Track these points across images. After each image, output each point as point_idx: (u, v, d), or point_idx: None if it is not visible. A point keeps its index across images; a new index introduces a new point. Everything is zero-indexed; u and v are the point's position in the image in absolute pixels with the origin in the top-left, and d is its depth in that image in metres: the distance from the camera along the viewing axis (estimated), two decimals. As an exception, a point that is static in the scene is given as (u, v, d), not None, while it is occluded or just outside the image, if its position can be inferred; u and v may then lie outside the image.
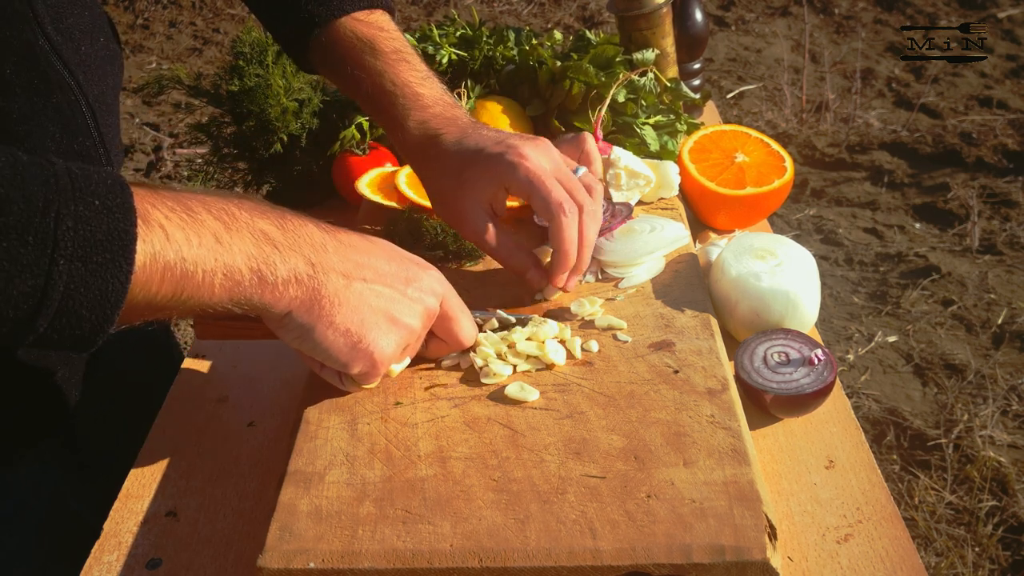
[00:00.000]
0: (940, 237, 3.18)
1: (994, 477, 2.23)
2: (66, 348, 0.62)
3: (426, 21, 4.27)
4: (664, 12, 1.29)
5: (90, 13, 0.87)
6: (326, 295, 0.71)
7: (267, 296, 0.69)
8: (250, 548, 0.76)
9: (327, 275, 0.72)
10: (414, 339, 0.78)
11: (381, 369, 0.76)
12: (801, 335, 0.87)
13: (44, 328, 0.59)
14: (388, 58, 0.97)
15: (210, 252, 0.65)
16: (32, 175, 0.58)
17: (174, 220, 0.64)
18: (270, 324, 0.73)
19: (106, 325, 0.61)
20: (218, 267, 0.65)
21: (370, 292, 0.74)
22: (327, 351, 0.73)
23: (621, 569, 0.64)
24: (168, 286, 0.63)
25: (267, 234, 0.69)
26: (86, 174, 0.60)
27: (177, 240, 0.63)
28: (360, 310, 0.73)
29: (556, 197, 0.84)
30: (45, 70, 0.79)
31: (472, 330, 0.83)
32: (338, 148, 1.22)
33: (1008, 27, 4.67)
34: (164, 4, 5.18)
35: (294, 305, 0.70)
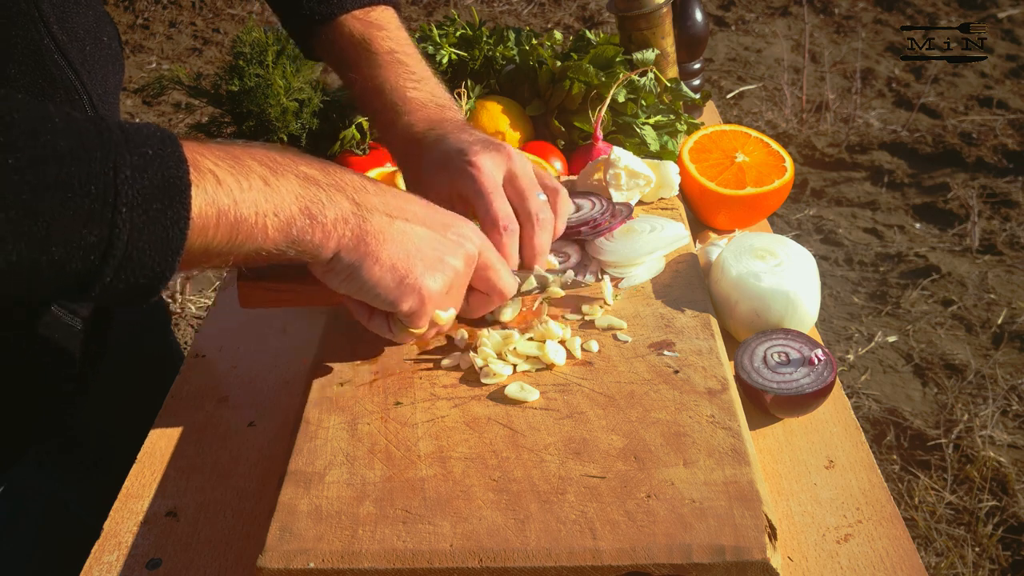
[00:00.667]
0: (940, 237, 3.18)
1: (994, 477, 2.23)
2: (128, 299, 0.62)
3: (426, 21, 4.27)
4: (664, 12, 1.29)
5: (93, 13, 0.87)
6: (371, 232, 0.73)
7: (318, 235, 0.70)
8: (250, 548, 0.76)
9: (371, 213, 0.73)
10: (459, 281, 0.79)
11: (429, 307, 0.77)
12: (801, 335, 0.87)
13: (110, 278, 0.59)
14: (382, 59, 0.98)
15: (260, 194, 0.66)
16: (87, 129, 0.59)
17: (223, 167, 0.65)
18: (317, 270, 0.74)
19: (168, 272, 0.62)
20: (269, 209, 0.67)
21: (412, 232, 0.76)
22: (375, 288, 0.74)
23: (621, 569, 0.64)
24: (223, 231, 0.64)
25: (311, 176, 0.71)
26: (134, 126, 0.62)
27: (228, 184, 0.64)
28: (405, 246, 0.75)
29: (495, 212, 0.85)
30: (50, 69, 0.80)
31: (512, 281, 0.84)
32: (338, 148, 1.22)
33: (1008, 27, 4.67)
34: (164, 4, 5.18)
35: (343, 243, 0.72)
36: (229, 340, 1.02)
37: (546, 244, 0.89)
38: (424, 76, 1.00)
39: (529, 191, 0.88)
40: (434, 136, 0.93)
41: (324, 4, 1.00)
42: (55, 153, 0.56)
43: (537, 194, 0.88)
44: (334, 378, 0.83)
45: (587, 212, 1.00)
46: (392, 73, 0.98)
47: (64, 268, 0.57)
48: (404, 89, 0.97)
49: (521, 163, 0.89)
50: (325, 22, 1.01)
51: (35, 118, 0.57)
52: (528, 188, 0.88)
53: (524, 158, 0.91)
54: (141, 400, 0.97)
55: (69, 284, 0.59)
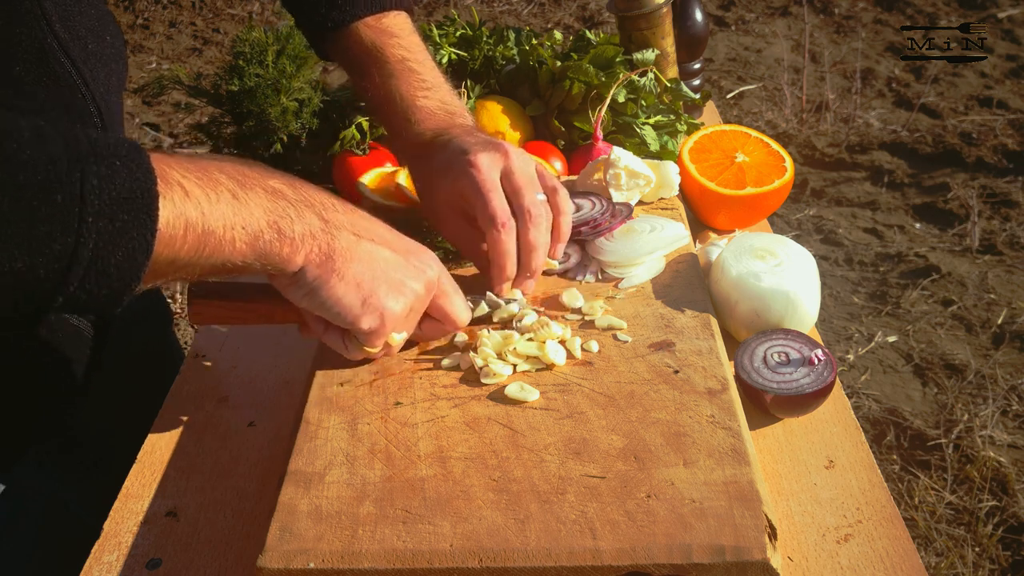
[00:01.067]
0: (940, 237, 3.18)
1: (994, 477, 2.23)
2: (93, 309, 0.62)
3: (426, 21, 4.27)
4: (664, 12, 1.29)
5: (96, 12, 0.87)
6: (339, 249, 0.73)
7: (286, 249, 0.70)
8: (250, 548, 0.76)
9: (339, 231, 0.74)
10: (417, 305, 0.80)
11: (388, 328, 0.78)
12: (801, 335, 0.87)
13: (74, 288, 0.59)
14: (393, 68, 0.99)
15: (229, 208, 0.66)
16: (54, 138, 0.59)
17: (191, 179, 0.65)
18: (280, 283, 0.75)
19: (133, 283, 0.62)
20: (237, 223, 0.67)
21: (378, 253, 0.76)
22: (337, 306, 0.75)
23: (621, 569, 0.64)
24: (191, 243, 0.64)
25: (279, 191, 0.71)
26: (103, 138, 0.62)
27: (197, 197, 0.64)
28: (371, 266, 0.75)
29: (492, 209, 0.86)
30: (54, 68, 0.80)
31: (465, 310, 0.84)
32: (338, 148, 1.22)
33: (1008, 27, 4.67)
34: (164, 4, 5.18)
35: (310, 258, 0.72)
36: (229, 340, 1.02)
37: (542, 240, 0.89)
38: (435, 83, 1.00)
39: (524, 188, 0.88)
40: (441, 141, 0.94)
41: (337, 11, 1.01)
42: (21, 161, 0.56)
43: (533, 191, 0.89)
44: (334, 378, 0.83)
45: (587, 212, 1.00)
46: (403, 82, 0.99)
47: (27, 277, 0.57)
48: (414, 98, 0.98)
49: (519, 160, 0.90)
50: (338, 29, 1.01)
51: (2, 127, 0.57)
52: (524, 185, 0.88)
53: (524, 156, 0.91)
54: (141, 400, 0.97)
55: (33, 293, 0.58)
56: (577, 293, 0.91)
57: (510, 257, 0.88)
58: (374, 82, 1.00)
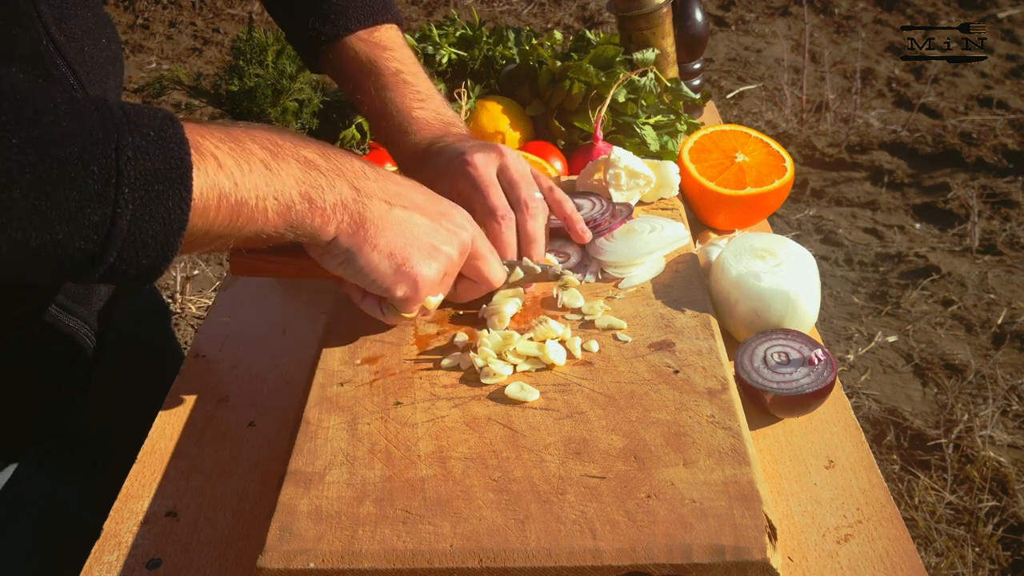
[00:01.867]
0: (940, 237, 3.18)
1: (994, 477, 2.23)
2: (131, 280, 0.63)
3: (426, 21, 4.27)
4: (664, 12, 1.29)
5: (92, 14, 0.87)
6: (370, 219, 0.74)
7: (317, 220, 0.71)
8: (250, 548, 0.76)
9: (370, 199, 0.74)
10: (451, 269, 0.80)
11: (422, 294, 0.78)
12: (801, 335, 0.87)
13: (113, 258, 0.60)
14: (388, 81, 1.01)
15: (261, 178, 0.67)
16: (89, 109, 0.59)
17: (224, 149, 0.65)
18: (314, 252, 0.75)
19: (170, 253, 0.62)
20: (270, 193, 0.67)
21: (410, 219, 0.77)
22: (371, 274, 0.76)
23: (621, 569, 0.64)
24: (224, 213, 0.65)
25: (312, 161, 0.72)
26: (137, 109, 0.62)
27: (229, 168, 0.65)
28: (403, 234, 0.76)
29: (492, 202, 0.88)
30: (49, 70, 0.80)
31: (500, 270, 0.85)
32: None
33: (1008, 27, 4.67)
34: (164, 4, 5.18)
35: (341, 228, 0.73)
36: (229, 340, 1.02)
37: (540, 231, 0.91)
38: (429, 95, 1.02)
39: (520, 181, 0.91)
40: (436, 148, 0.96)
41: (329, 24, 1.01)
42: (58, 133, 0.57)
43: (529, 185, 0.91)
44: (334, 378, 0.83)
45: (587, 212, 1.00)
46: (398, 94, 1.00)
47: (68, 248, 0.58)
48: (410, 110, 1.00)
49: (513, 158, 0.92)
50: (330, 43, 1.02)
51: (39, 99, 0.57)
52: (519, 179, 0.91)
53: (518, 155, 0.93)
54: (141, 400, 0.97)
55: (73, 264, 0.59)
56: (577, 293, 0.91)
57: (511, 248, 0.89)
58: (369, 95, 1.01)
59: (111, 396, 1.00)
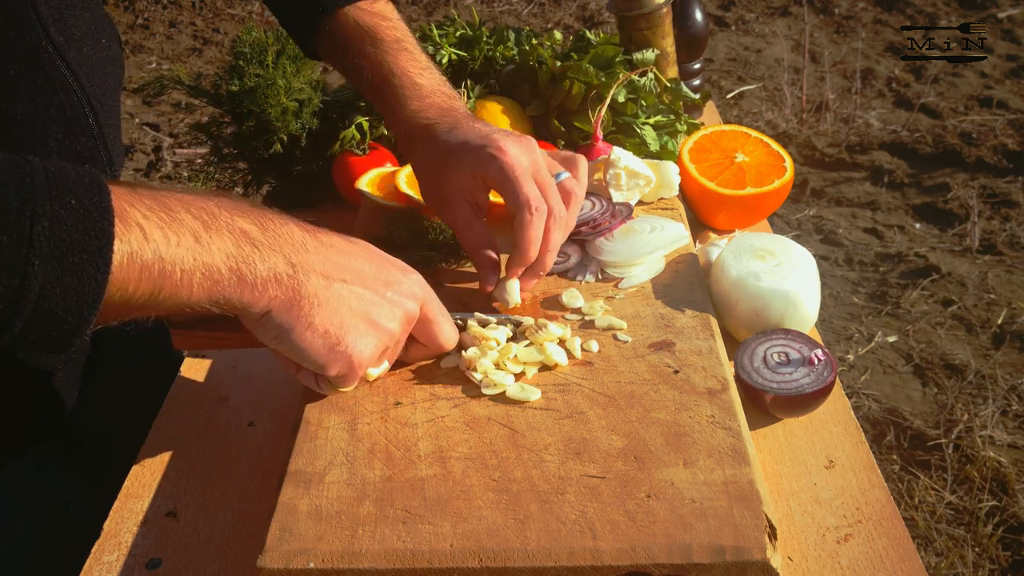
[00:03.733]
0: (940, 237, 3.18)
1: (994, 477, 2.23)
2: (42, 349, 0.61)
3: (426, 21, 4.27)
4: (664, 12, 1.29)
5: (92, 15, 0.87)
6: (306, 295, 0.71)
7: (246, 295, 0.68)
8: (250, 548, 0.76)
9: (307, 275, 0.71)
10: (393, 343, 0.78)
11: (359, 372, 0.76)
12: (801, 335, 0.87)
13: (19, 329, 0.58)
14: (389, 47, 0.99)
15: (189, 251, 0.64)
16: (7, 174, 0.57)
17: (152, 219, 0.63)
18: (248, 324, 0.73)
19: (83, 325, 0.60)
20: (197, 266, 0.65)
21: (350, 294, 0.74)
22: (305, 352, 0.73)
23: (621, 569, 0.64)
24: (146, 285, 0.63)
25: (247, 233, 0.69)
26: (63, 172, 0.60)
27: (155, 239, 0.63)
28: (340, 311, 0.73)
29: (526, 194, 0.85)
30: (48, 71, 0.80)
31: (452, 334, 0.82)
32: (338, 148, 1.22)
33: (1008, 27, 4.67)
34: (164, 4, 5.18)
35: (274, 304, 0.70)
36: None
37: (560, 241, 0.89)
38: (428, 65, 1.00)
39: (551, 187, 0.88)
40: (446, 125, 0.93)
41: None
42: None
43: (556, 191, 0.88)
44: (334, 378, 0.83)
45: (587, 212, 1.00)
46: (401, 59, 0.98)
47: None
48: (412, 75, 0.97)
49: (542, 155, 0.90)
50: (331, 12, 1.01)
51: None
52: (549, 184, 0.88)
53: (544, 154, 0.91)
54: (141, 400, 0.97)
55: None
56: (577, 293, 0.91)
57: (536, 243, 0.86)
58: (370, 59, 0.98)
59: (111, 396, 1.00)
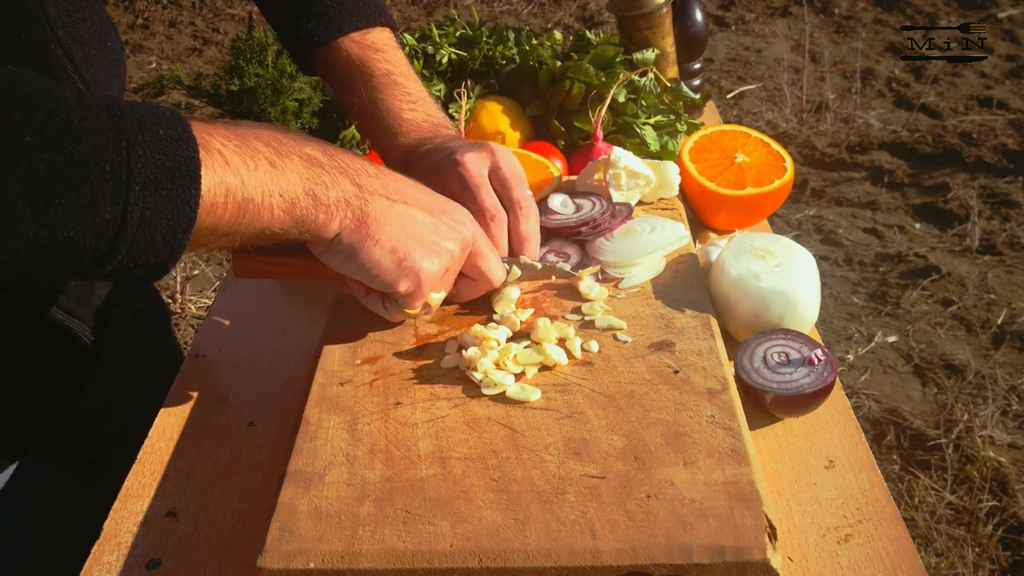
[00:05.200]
0: (940, 237, 3.18)
1: (994, 477, 2.23)
2: (139, 277, 0.63)
3: (426, 21, 4.27)
4: (664, 12, 1.29)
5: (98, 17, 0.88)
6: (372, 215, 0.74)
7: (321, 216, 0.71)
8: (250, 548, 0.76)
9: (372, 196, 0.75)
10: (453, 265, 0.81)
11: (425, 289, 0.79)
12: (801, 335, 0.87)
13: (122, 256, 0.60)
14: (378, 82, 1.01)
15: (267, 175, 0.67)
16: (99, 108, 0.59)
17: (230, 147, 0.66)
18: (317, 249, 0.76)
19: (178, 251, 0.63)
20: (275, 189, 0.68)
21: (410, 216, 0.77)
22: (374, 270, 0.76)
23: (621, 569, 0.64)
24: (231, 211, 0.65)
25: (315, 158, 0.72)
26: (146, 106, 0.62)
27: (236, 165, 0.66)
28: (404, 229, 0.76)
29: (480, 202, 0.88)
30: (57, 72, 0.80)
31: (500, 269, 0.86)
32: (338, 148, 1.22)
33: (1008, 27, 4.67)
34: (164, 4, 5.18)
35: (344, 225, 0.73)
36: (229, 340, 1.02)
37: (533, 230, 0.91)
38: (419, 96, 1.02)
39: (511, 180, 0.91)
40: (425, 148, 0.96)
41: (322, 27, 1.01)
42: (70, 132, 0.57)
43: (521, 185, 0.91)
44: (334, 378, 0.83)
45: (587, 212, 1.00)
46: (389, 95, 1.00)
47: (78, 246, 0.58)
48: (400, 111, 1.00)
49: (504, 156, 0.92)
50: (323, 44, 1.02)
51: (51, 97, 0.58)
52: (511, 178, 0.91)
53: (508, 153, 0.93)
54: (141, 400, 0.97)
55: (83, 262, 0.60)
56: (592, 281, 0.92)
57: (502, 248, 0.90)
58: (360, 96, 1.01)
59: (111, 396, 1.00)
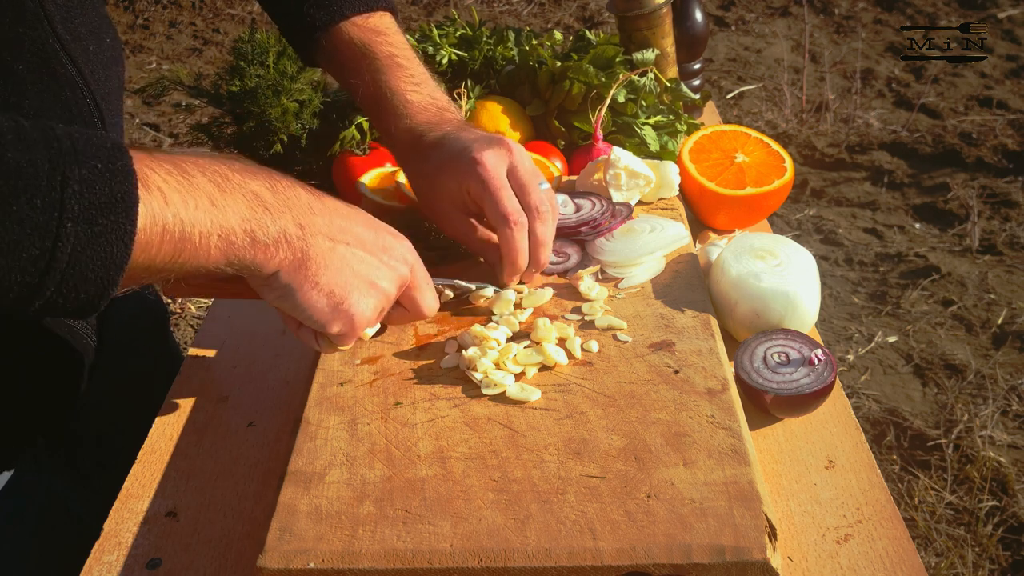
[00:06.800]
0: (940, 237, 3.18)
1: (994, 477, 2.23)
2: (69, 313, 0.62)
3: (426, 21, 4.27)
4: (664, 12, 1.29)
5: (97, 14, 0.88)
6: (313, 257, 0.73)
7: (259, 256, 0.70)
8: (250, 548, 0.76)
9: (314, 237, 0.74)
10: (388, 303, 0.80)
11: (358, 331, 0.78)
12: (801, 335, 0.87)
13: (51, 292, 0.59)
14: (382, 64, 1.00)
15: (206, 214, 0.66)
16: (36, 139, 0.58)
17: (171, 183, 0.65)
18: (255, 284, 0.75)
19: (110, 288, 0.61)
20: (214, 228, 0.66)
21: (352, 256, 0.76)
22: (309, 311, 0.75)
23: (621, 569, 0.64)
24: (167, 248, 0.64)
25: (259, 195, 0.71)
26: (86, 137, 0.61)
27: (175, 203, 0.64)
28: (343, 272, 0.75)
29: (503, 207, 0.87)
30: (55, 68, 0.80)
31: (433, 302, 0.85)
32: (338, 148, 1.22)
33: (1008, 27, 4.67)
34: (164, 4, 5.18)
35: (283, 265, 0.72)
36: (229, 340, 1.02)
37: (549, 235, 0.90)
38: (423, 79, 1.01)
39: (530, 184, 0.89)
40: (435, 136, 0.94)
41: (324, 11, 1.01)
42: (4, 165, 0.56)
43: (539, 184, 0.90)
44: (334, 378, 0.83)
45: (587, 212, 1.00)
46: (393, 77, 0.99)
47: (5, 281, 0.57)
48: (405, 92, 0.98)
49: (520, 156, 0.91)
50: (325, 29, 1.01)
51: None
52: (529, 181, 0.89)
53: (523, 150, 0.92)
54: (141, 400, 0.97)
55: (10, 297, 0.58)
56: (592, 282, 0.92)
57: (523, 254, 0.89)
58: (364, 79, 1.00)
59: (111, 396, 1.00)
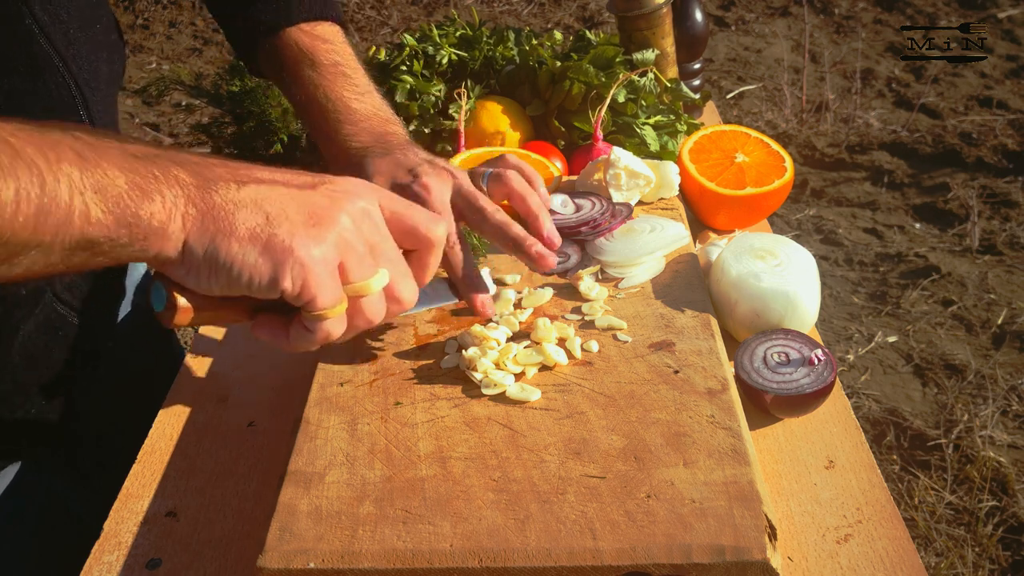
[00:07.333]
0: (940, 237, 3.18)
1: (994, 477, 2.23)
2: None
3: (426, 21, 4.27)
4: (664, 12, 1.29)
5: (86, 1, 0.86)
6: (219, 203, 0.61)
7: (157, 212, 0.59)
8: (250, 548, 0.76)
9: (216, 183, 0.62)
10: (356, 239, 0.65)
11: (319, 275, 0.63)
12: (801, 335, 0.87)
13: None
14: (326, 71, 0.97)
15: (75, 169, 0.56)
16: None
17: (21, 137, 0.56)
18: (176, 272, 0.63)
19: None
20: (88, 185, 0.56)
21: (269, 193, 0.63)
22: (240, 268, 0.61)
23: (621, 569, 0.64)
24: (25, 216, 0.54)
25: (139, 151, 0.61)
26: None
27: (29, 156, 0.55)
28: (262, 207, 0.62)
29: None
30: (34, 50, 0.79)
31: (431, 220, 0.73)
32: (338, 148, 1.22)
33: (1008, 27, 4.67)
34: (164, 4, 5.18)
35: (187, 222, 0.60)
36: (229, 340, 1.02)
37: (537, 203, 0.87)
38: (367, 90, 0.98)
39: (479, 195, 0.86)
40: (377, 153, 0.90)
41: (270, 15, 0.99)
42: None
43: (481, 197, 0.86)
44: (334, 378, 0.83)
45: (587, 212, 1.00)
46: (336, 85, 0.97)
47: None
48: (347, 100, 0.95)
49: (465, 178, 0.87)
50: (271, 34, 1.00)
51: None
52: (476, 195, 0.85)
53: (465, 175, 0.88)
54: (141, 400, 0.97)
55: None
56: (592, 282, 0.91)
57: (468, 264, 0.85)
58: (304, 84, 0.97)
59: (111, 396, 1.00)
